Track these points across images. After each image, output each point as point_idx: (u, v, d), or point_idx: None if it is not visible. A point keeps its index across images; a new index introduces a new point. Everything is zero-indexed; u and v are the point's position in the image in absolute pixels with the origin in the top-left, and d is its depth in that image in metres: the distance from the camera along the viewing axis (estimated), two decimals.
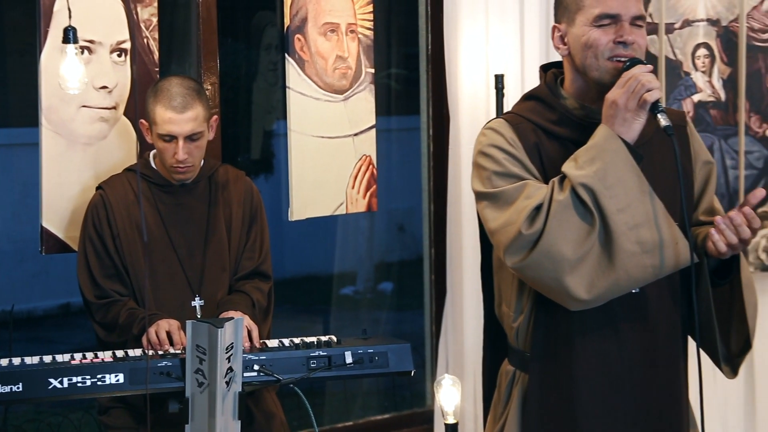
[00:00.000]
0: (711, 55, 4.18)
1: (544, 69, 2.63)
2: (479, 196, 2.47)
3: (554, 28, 2.52)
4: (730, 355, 2.56)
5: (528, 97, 2.58)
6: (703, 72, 4.18)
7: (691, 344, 2.55)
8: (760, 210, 4.22)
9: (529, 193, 2.38)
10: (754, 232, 2.36)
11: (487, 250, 2.61)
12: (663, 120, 2.35)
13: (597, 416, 2.45)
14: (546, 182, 2.43)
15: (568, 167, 2.38)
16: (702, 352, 2.51)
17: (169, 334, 3.04)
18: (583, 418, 2.44)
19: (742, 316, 2.49)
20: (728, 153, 4.20)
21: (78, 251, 3.29)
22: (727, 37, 4.17)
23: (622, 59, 2.40)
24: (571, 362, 2.44)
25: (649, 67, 2.39)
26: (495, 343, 2.67)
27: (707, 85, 4.18)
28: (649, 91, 2.34)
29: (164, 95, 3.18)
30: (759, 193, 2.39)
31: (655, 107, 2.36)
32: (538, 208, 2.35)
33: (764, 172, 4.22)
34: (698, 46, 4.17)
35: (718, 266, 2.50)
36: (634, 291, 2.41)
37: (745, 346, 2.53)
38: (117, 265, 3.22)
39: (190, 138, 3.19)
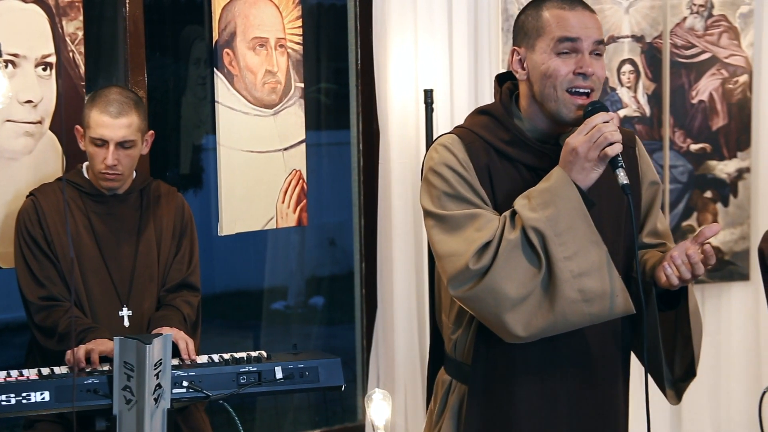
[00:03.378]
0: (636, 71, 4.25)
1: (500, 80, 2.58)
2: (427, 214, 2.45)
3: (513, 50, 2.48)
4: (674, 379, 2.58)
5: (482, 111, 2.55)
6: (629, 87, 4.25)
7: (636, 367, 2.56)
8: (684, 223, 4.29)
9: (480, 226, 2.37)
10: (707, 268, 2.37)
11: (432, 260, 2.59)
12: (622, 177, 2.33)
13: None
14: (494, 204, 2.43)
15: (520, 206, 2.37)
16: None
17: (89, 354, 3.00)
18: None
19: (687, 341, 2.51)
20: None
21: (15, 257, 3.27)
22: (652, 53, 4.24)
23: (582, 91, 2.38)
24: (511, 381, 2.45)
25: (613, 115, 2.36)
26: (435, 351, 2.67)
27: (632, 101, 4.25)
28: (611, 144, 2.32)
29: (102, 100, 3.20)
30: (715, 227, 2.36)
31: (614, 162, 2.34)
32: (487, 244, 2.34)
33: (688, 186, 4.29)
34: (623, 62, 4.23)
35: (664, 291, 2.48)
36: None
37: (690, 371, 2.55)
38: (57, 268, 3.20)
39: (122, 145, 3.19)
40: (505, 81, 2.57)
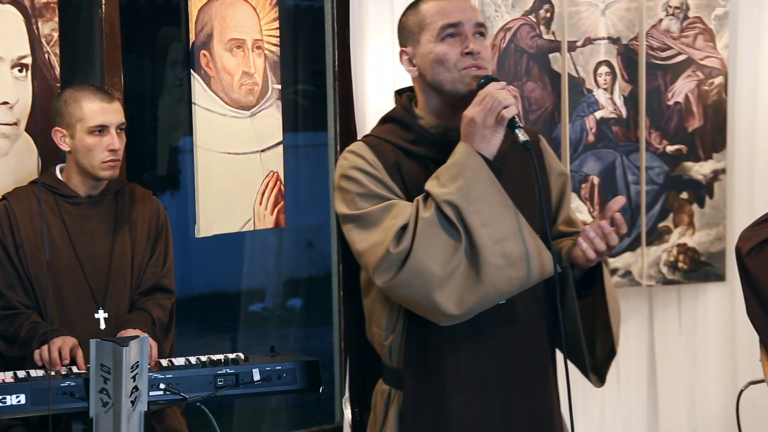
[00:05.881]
0: (612, 73, 4.26)
1: (399, 93, 2.66)
2: (345, 219, 2.48)
3: (401, 52, 2.58)
4: (597, 364, 2.62)
5: (385, 119, 2.61)
6: (605, 89, 4.26)
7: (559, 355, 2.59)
8: (661, 225, 4.31)
9: (396, 213, 2.41)
10: (620, 238, 2.43)
11: (352, 273, 2.62)
12: (521, 135, 2.40)
13: (471, 429, 2.48)
14: (409, 200, 2.45)
15: (431, 185, 2.41)
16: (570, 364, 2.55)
17: (60, 352, 2.99)
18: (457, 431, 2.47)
19: (607, 325, 2.56)
20: (630, 169, 4.29)
21: None
22: (628, 55, 4.26)
23: (474, 71, 2.45)
24: (443, 376, 2.47)
25: (503, 83, 2.44)
26: (365, 364, 2.67)
27: (609, 102, 4.27)
28: (506, 107, 2.39)
29: (84, 93, 3.24)
30: (620, 200, 2.45)
31: (512, 123, 2.41)
32: (404, 227, 2.38)
33: (664, 187, 4.31)
34: (600, 63, 4.25)
35: (582, 278, 2.55)
36: (501, 302, 2.45)
37: (611, 353, 2.60)
38: (21, 276, 3.18)
39: (119, 128, 3.25)
40: (403, 94, 2.65)
